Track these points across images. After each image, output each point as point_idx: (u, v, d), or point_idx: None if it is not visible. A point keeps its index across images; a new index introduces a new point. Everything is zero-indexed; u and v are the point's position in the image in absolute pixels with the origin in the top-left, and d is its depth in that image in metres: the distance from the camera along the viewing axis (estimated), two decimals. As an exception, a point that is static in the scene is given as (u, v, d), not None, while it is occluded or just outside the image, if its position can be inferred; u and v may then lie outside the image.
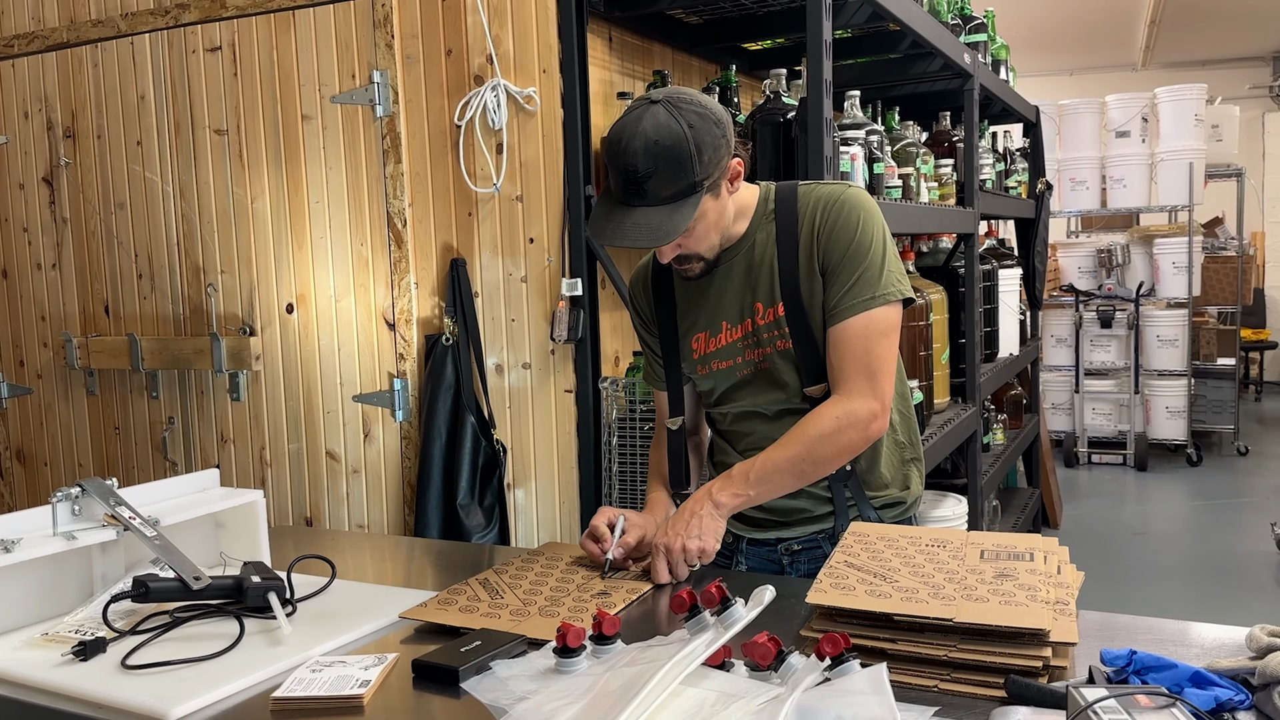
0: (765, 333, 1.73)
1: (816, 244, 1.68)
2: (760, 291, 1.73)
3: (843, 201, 1.69)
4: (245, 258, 2.92)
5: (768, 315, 1.73)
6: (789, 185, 1.76)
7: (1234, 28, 8.79)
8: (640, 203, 1.58)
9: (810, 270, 1.69)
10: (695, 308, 1.81)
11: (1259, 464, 7.14)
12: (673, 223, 1.58)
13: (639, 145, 1.54)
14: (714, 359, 1.80)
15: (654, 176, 1.55)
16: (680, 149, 1.55)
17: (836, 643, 1.15)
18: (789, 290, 1.70)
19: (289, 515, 2.90)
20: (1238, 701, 1.07)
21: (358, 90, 2.69)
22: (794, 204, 1.72)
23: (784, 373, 1.74)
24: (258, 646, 1.42)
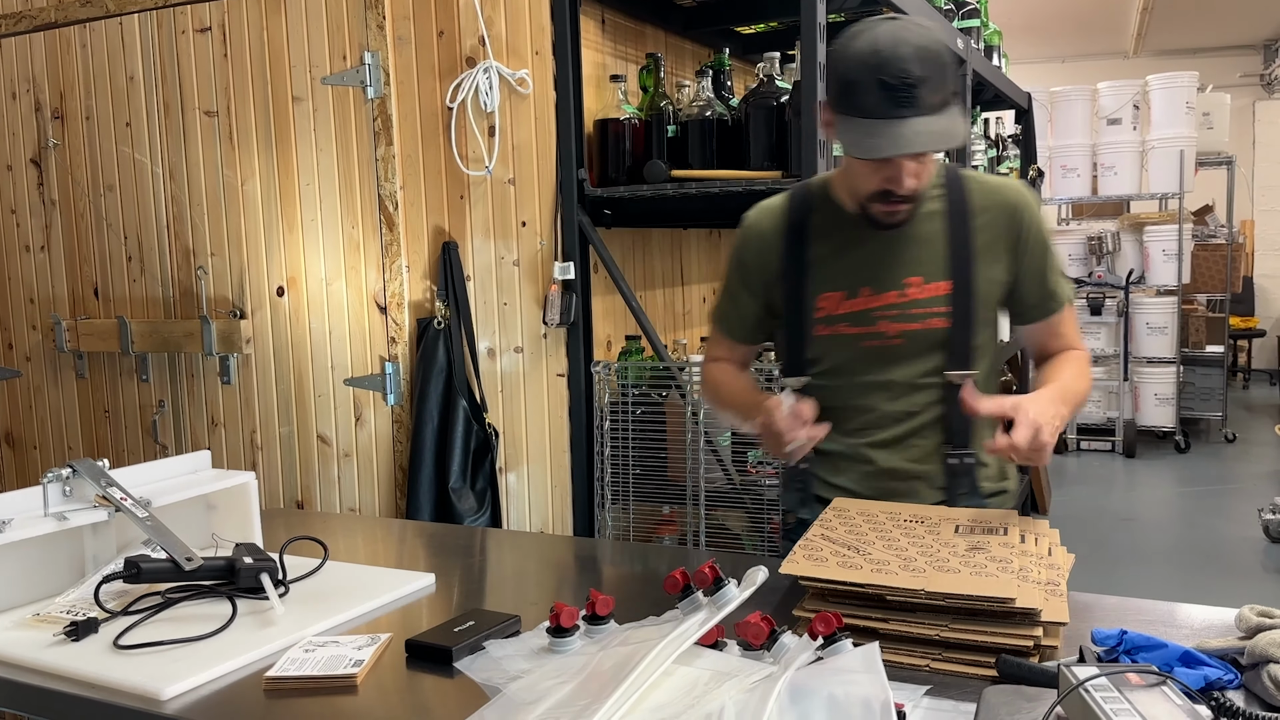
0: (919, 307, 1.66)
1: (1020, 236, 1.67)
2: (922, 265, 1.66)
3: (1034, 200, 1.71)
4: (235, 240, 2.91)
5: (926, 290, 1.66)
6: (952, 166, 1.74)
7: (1225, 16, 8.79)
8: (912, 113, 1.48)
9: (992, 259, 1.67)
10: (832, 264, 1.71)
11: (1246, 451, 7.18)
12: (955, 129, 1.51)
13: (908, 52, 1.48)
14: (842, 322, 1.70)
15: (926, 83, 1.48)
16: (944, 55, 1.52)
17: (829, 622, 1.15)
18: (961, 271, 1.65)
19: (280, 499, 2.90)
20: (1227, 681, 1.08)
21: (349, 71, 2.68)
22: (963, 187, 1.69)
23: (925, 351, 1.67)
24: (250, 627, 1.42)
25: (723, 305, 1.87)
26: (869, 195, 1.62)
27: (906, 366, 1.69)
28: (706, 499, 2.51)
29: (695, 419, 2.47)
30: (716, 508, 2.53)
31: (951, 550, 1.34)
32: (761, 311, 1.81)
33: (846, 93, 1.54)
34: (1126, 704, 0.87)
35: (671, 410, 2.53)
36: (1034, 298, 1.72)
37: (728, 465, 2.51)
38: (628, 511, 2.62)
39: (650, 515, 2.66)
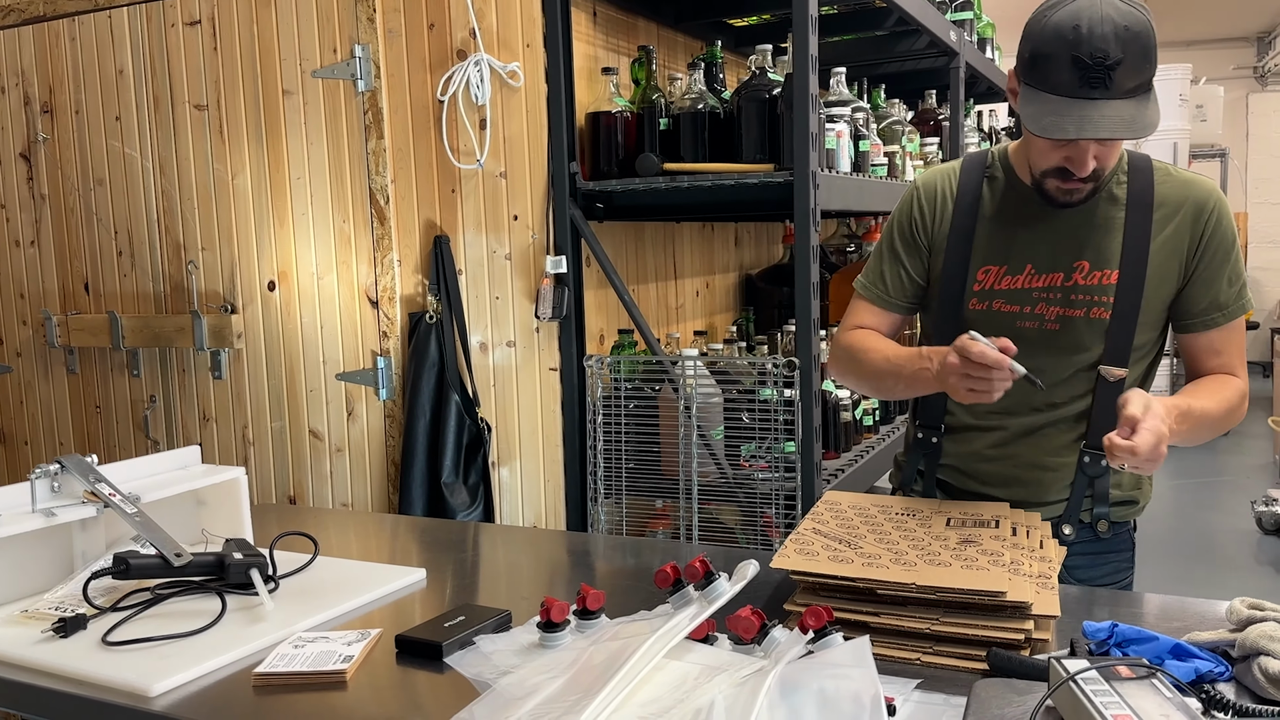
0: (1082, 293, 1.60)
1: (1201, 236, 1.60)
2: (1093, 249, 1.60)
3: (1222, 200, 1.63)
4: (226, 234, 2.90)
5: (1093, 277, 1.59)
6: (1142, 156, 1.66)
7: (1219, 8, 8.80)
8: (1103, 95, 1.42)
9: (1165, 253, 1.59)
10: (998, 237, 1.66)
11: (1239, 443, 7.20)
12: (1147, 116, 1.43)
13: (1108, 31, 1.40)
14: (999, 298, 1.65)
15: (1122, 65, 1.41)
16: (1148, 37, 1.43)
17: (820, 616, 1.15)
18: (1134, 262, 1.58)
19: (272, 494, 2.89)
20: (1218, 673, 1.08)
21: (339, 64, 2.66)
22: (1150, 178, 1.62)
23: (1081, 341, 1.61)
24: (240, 623, 1.41)
25: (873, 271, 1.78)
26: (1046, 171, 1.56)
27: (1059, 355, 1.62)
28: (699, 493, 2.50)
29: (688, 413, 2.47)
30: (709, 501, 2.52)
31: (943, 544, 1.34)
32: (918, 277, 1.74)
33: (1037, 65, 1.47)
34: (1116, 697, 0.87)
35: (664, 404, 2.53)
36: (1200, 305, 1.61)
37: (720, 459, 2.50)
38: (620, 505, 2.62)
39: (643, 509, 2.66)
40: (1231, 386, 1.60)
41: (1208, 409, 1.54)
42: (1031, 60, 1.48)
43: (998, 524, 1.41)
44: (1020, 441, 1.66)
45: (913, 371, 1.59)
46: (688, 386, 2.46)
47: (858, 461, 2.81)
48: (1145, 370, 1.67)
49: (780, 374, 2.38)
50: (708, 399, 2.50)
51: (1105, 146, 1.50)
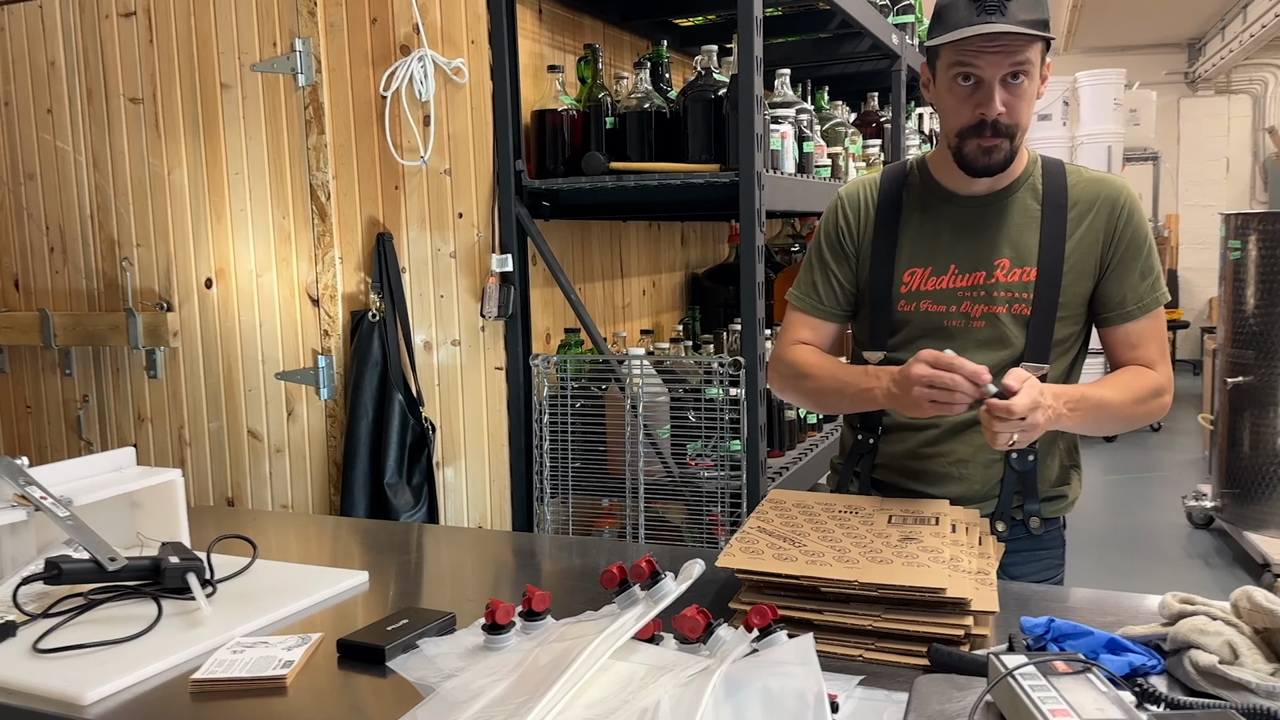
0: (1003, 290, 1.64)
1: (1113, 233, 1.64)
2: (1011, 248, 1.65)
3: (1133, 199, 1.68)
4: (162, 230, 2.83)
5: (1013, 275, 1.64)
6: (1053, 158, 1.72)
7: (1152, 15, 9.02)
8: (1000, 19, 1.50)
9: (1080, 251, 1.64)
10: (922, 239, 1.70)
11: (1171, 440, 7.39)
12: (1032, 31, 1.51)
13: None
14: (926, 299, 1.69)
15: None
16: None
17: (764, 614, 1.16)
18: (1051, 259, 1.63)
19: (210, 496, 2.84)
20: (1150, 666, 1.10)
21: (279, 59, 2.62)
22: (1063, 179, 1.68)
23: (1005, 337, 1.65)
24: (176, 628, 1.38)
25: (805, 283, 1.82)
26: (962, 131, 1.60)
27: (985, 351, 1.65)
28: (646, 492, 2.51)
29: (634, 412, 2.47)
30: (656, 500, 2.53)
31: (885, 541, 1.36)
32: (849, 285, 1.78)
33: (940, 19, 1.56)
34: (1053, 691, 0.88)
35: (611, 403, 2.53)
36: (1116, 298, 1.66)
37: (667, 458, 2.51)
38: (567, 505, 2.61)
39: (590, 509, 2.65)
40: (1144, 378, 1.65)
41: (1107, 397, 1.59)
42: (935, 19, 1.57)
43: (938, 521, 1.43)
44: (952, 439, 1.70)
45: (857, 391, 1.63)
46: (634, 385, 2.46)
47: (802, 459, 2.83)
48: (1069, 365, 1.71)
49: (726, 373, 2.39)
50: (654, 398, 2.50)
51: (1013, 95, 1.55)
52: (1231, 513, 4.72)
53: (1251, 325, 4.48)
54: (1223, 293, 4.74)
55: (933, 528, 1.40)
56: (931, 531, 1.38)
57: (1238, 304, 4.57)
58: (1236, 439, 4.64)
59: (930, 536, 1.36)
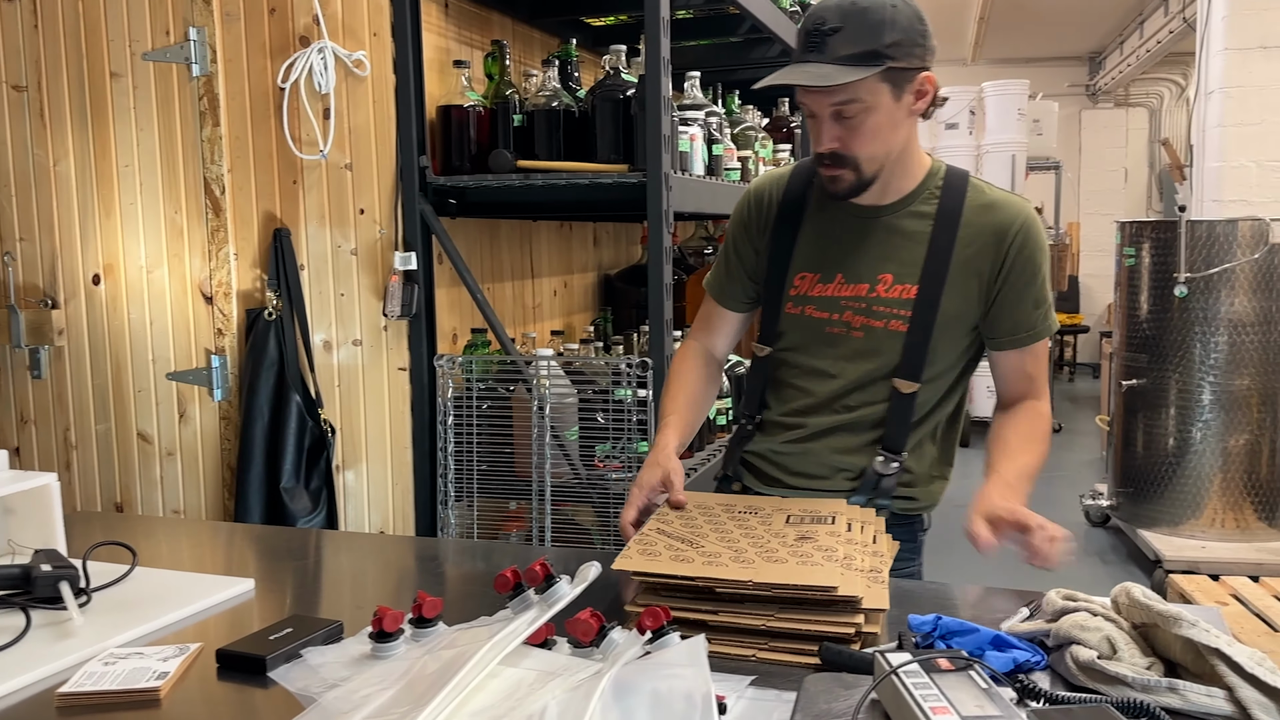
0: (883, 305, 1.64)
1: (1004, 259, 1.62)
2: (896, 263, 1.64)
3: (1031, 220, 1.65)
4: (47, 224, 2.71)
5: (894, 290, 1.64)
6: (960, 173, 1.70)
7: (1055, 29, 9.31)
8: (816, 57, 1.50)
9: (967, 272, 1.63)
10: (816, 244, 1.70)
11: (1071, 440, 7.62)
12: (840, 74, 1.49)
13: (835, 5, 1.51)
14: (810, 304, 1.69)
15: (839, 33, 1.49)
16: (875, 13, 1.50)
17: (657, 616, 1.15)
18: (932, 278, 1.62)
19: (97, 501, 2.72)
20: (1034, 662, 1.12)
21: (172, 48, 2.53)
22: (962, 193, 1.65)
23: (880, 350, 1.65)
24: (45, 640, 1.31)
25: (717, 269, 1.84)
26: (816, 158, 1.62)
27: (860, 362, 1.66)
28: (553, 494, 2.48)
29: (542, 413, 2.44)
30: (564, 503, 2.50)
31: (781, 540, 1.36)
32: (753, 279, 1.79)
33: None
34: (936, 689, 0.89)
35: (518, 405, 2.50)
36: (1005, 325, 1.66)
37: (575, 460, 2.49)
38: (472, 509, 2.57)
39: (496, 512, 2.62)
40: (1042, 420, 1.69)
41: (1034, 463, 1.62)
42: None
43: (834, 520, 1.44)
44: (818, 440, 1.72)
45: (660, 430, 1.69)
46: (541, 387, 2.44)
47: (711, 460, 2.83)
48: (949, 387, 1.71)
49: (634, 374, 2.38)
50: (561, 399, 2.48)
51: (847, 129, 1.55)
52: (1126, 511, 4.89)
53: (1145, 330, 4.64)
54: (1118, 298, 4.90)
55: (829, 526, 1.41)
56: (828, 530, 1.39)
57: (1132, 309, 4.73)
58: (1131, 440, 4.80)
59: (826, 535, 1.37)
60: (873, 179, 1.61)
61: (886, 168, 1.62)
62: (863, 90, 1.51)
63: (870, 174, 1.61)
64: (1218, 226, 4.40)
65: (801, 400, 1.72)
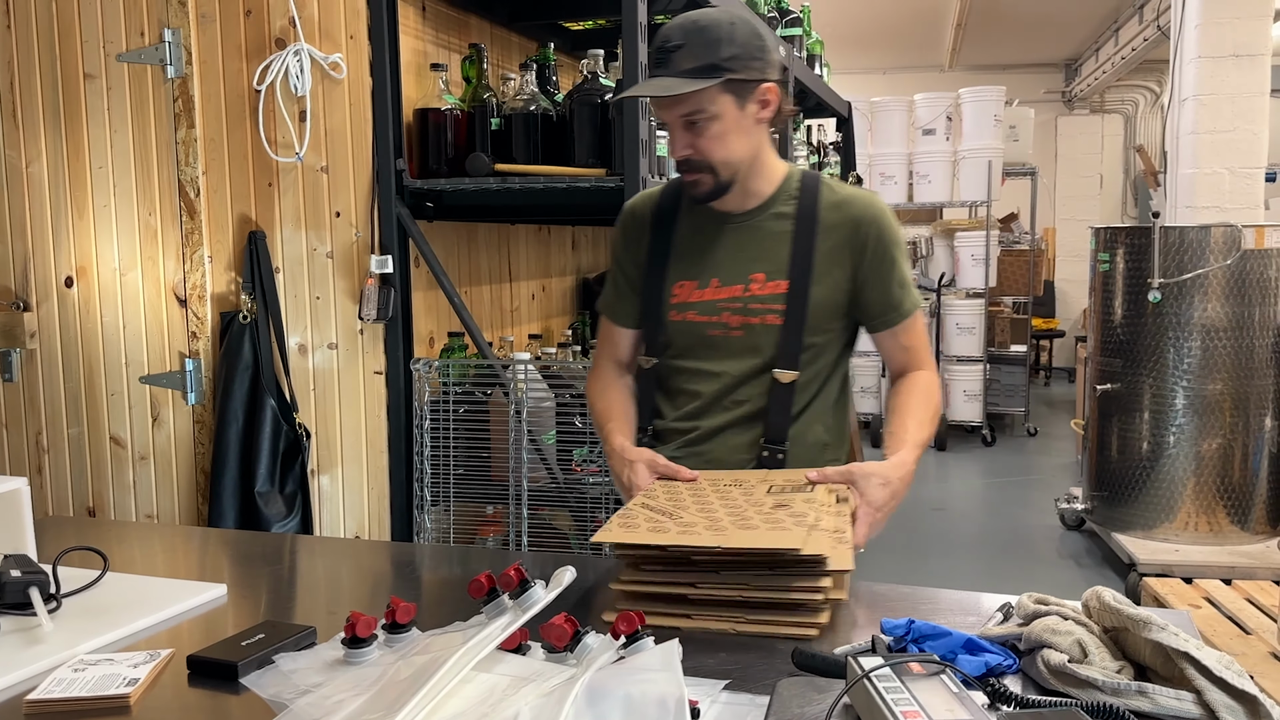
0: (758, 302, 1.73)
1: (863, 248, 1.73)
2: (766, 262, 1.74)
3: (882, 210, 1.77)
4: (19, 226, 2.68)
5: (766, 288, 1.73)
6: (814, 174, 1.81)
7: (1031, 36, 9.39)
8: (663, 72, 1.62)
9: (830, 264, 1.73)
10: (690, 253, 1.79)
11: (1046, 444, 7.68)
12: (680, 86, 1.60)
13: (678, 22, 1.64)
14: (692, 310, 1.77)
15: (681, 49, 1.61)
16: (714, 30, 1.62)
17: (631, 620, 1.14)
18: (800, 272, 1.72)
19: (69, 505, 2.70)
20: (1006, 666, 1.12)
21: (147, 49, 2.51)
22: (817, 193, 1.76)
23: (759, 345, 1.74)
24: (13, 646, 1.30)
25: (608, 290, 1.92)
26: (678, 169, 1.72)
27: (740, 359, 1.75)
28: (530, 498, 2.48)
29: (519, 417, 2.44)
30: (541, 507, 2.50)
31: (757, 509, 1.38)
32: (635, 295, 1.86)
33: None
34: (907, 694, 0.89)
35: (495, 409, 2.49)
36: (877, 307, 1.77)
37: (552, 464, 2.48)
38: (449, 513, 2.56)
39: (473, 516, 2.61)
40: (930, 386, 1.79)
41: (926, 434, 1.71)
42: None
43: (814, 488, 1.46)
44: (711, 440, 1.79)
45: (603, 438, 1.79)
46: (519, 390, 2.43)
47: (687, 465, 2.84)
48: (829, 372, 1.81)
49: (610, 378, 2.38)
50: (539, 403, 2.47)
51: (699, 137, 1.66)
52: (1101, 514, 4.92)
53: (1119, 334, 4.68)
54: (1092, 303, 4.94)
55: (806, 494, 1.43)
56: (804, 498, 1.42)
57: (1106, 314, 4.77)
58: (1105, 444, 4.84)
59: (801, 503, 1.39)
60: (730, 182, 1.72)
61: (743, 173, 1.73)
62: (705, 100, 1.62)
63: (727, 177, 1.71)
64: (1191, 233, 4.45)
65: (692, 403, 1.80)
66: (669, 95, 1.61)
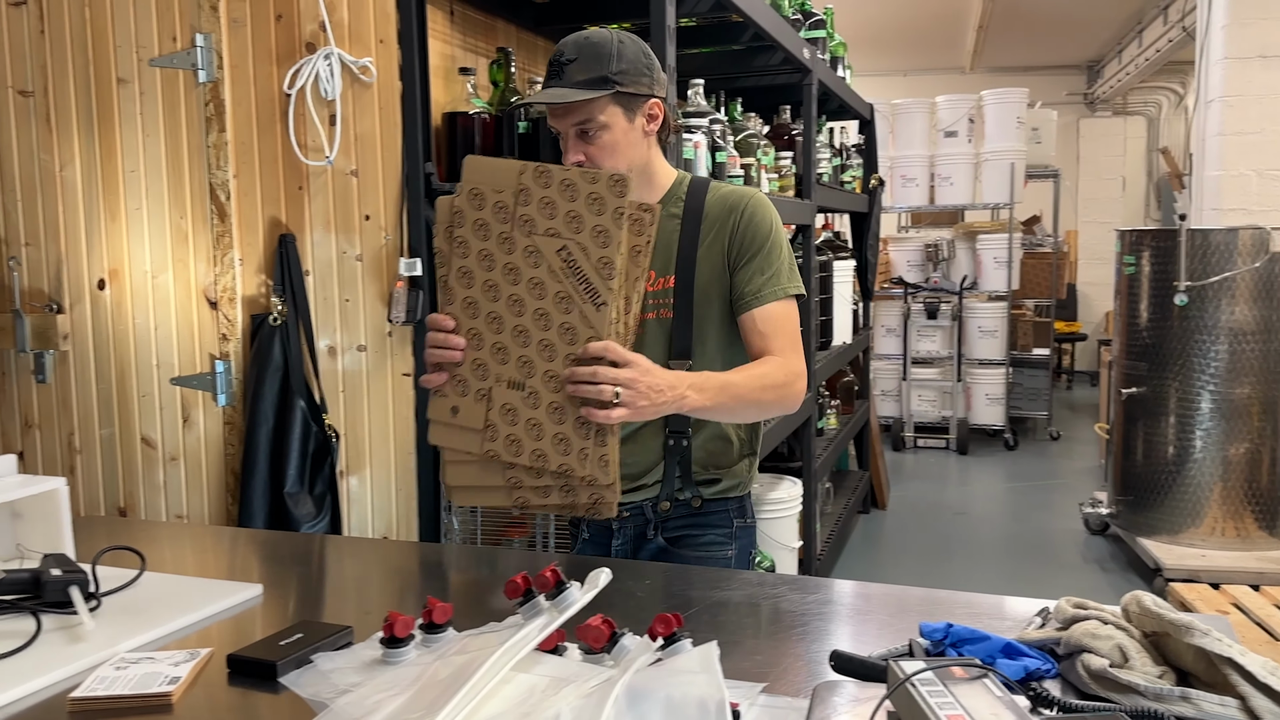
0: (652, 299, 1.81)
1: (732, 234, 1.81)
2: (657, 261, 1.80)
3: (757, 201, 1.84)
4: (53, 229, 2.71)
5: (658, 284, 1.82)
6: (703, 179, 1.90)
7: (1053, 37, 9.34)
8: (557, 84, 1.72)
9: (712, 255, 1.81)
10: None
11: (1069, 448, 7.63)
12: (573, 95, 1.70)
13: (572, 40, 1.74)
14: None
15: (574, 63, 1.71)
16: (603, 47, 1.72)
17: (669, 623, 1.15)
18: (685, 266, 1.80)
19: (101, 505, 2.72)
20: (1045, 670, 1.12)
21: (179, 54, 2.54)
22: (704, 193, 1.84)
23: (656, 340, 1.81)
24: (56, 644, 1.32)
25: None
26: None
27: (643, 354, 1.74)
28: (555, 500, 2.48)
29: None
30: (566, 509, 2.50)
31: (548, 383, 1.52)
32: None
33: None
34: (950, 697, 0.89)
35: (520, 410, 2.49)
36: (737, 290, 1.82)
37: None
38: (476, 515, 2.57)
39: (499, 518, 2.62)
40: (771, 365, 1.79)
41: (733, 380, 1.72)
42: None
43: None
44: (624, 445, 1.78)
45: None
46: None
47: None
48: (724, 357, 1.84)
49: (636, 381, 2.38)
50: (564, 405, 2.47)
51: (591, 146, 1.73)
52: (1125, 519, 4.89)
53: (1144, 338, 4.66)
54: (1118, 306, 4.91)
55: None
56: None
57: (1131, 317, 4.74)
58: (1130, 448, 4.81)
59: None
60: None
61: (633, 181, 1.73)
62: (596, 110, 1.71)
63: None
64: (1218, 235, 4.42)
65: None
66: (562, 103, 1.71)
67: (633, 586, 1.51)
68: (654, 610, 1.34)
